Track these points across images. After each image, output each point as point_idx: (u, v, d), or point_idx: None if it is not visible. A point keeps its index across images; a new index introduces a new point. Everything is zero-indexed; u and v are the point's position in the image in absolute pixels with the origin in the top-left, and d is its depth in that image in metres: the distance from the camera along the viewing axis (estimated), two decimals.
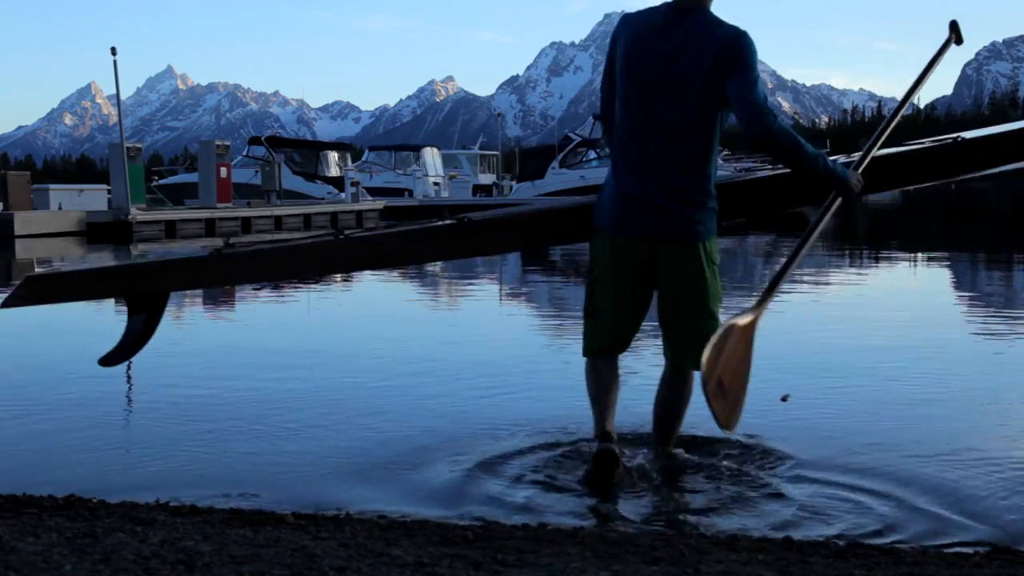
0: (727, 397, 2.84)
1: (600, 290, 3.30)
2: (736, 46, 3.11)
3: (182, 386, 4.86)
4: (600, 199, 3.34)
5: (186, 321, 8.11)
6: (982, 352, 5.95)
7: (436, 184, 38.63)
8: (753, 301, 3.09)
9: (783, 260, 3.14)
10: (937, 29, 5.26)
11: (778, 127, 3.08)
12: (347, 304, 9.25)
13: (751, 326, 2.98)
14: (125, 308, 3.57)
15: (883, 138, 3.53)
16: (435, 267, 14.20)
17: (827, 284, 10.31)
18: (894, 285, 10.41)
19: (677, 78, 3.15)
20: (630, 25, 3.26)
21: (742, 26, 3.14)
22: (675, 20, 3.17)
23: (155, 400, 4.56)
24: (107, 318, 8.72)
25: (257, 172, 31.43)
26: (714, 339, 2.88)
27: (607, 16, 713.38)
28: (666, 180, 3.18)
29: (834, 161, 3.25)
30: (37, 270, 4.16)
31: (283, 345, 6.23)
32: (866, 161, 3.37)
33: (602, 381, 3.30)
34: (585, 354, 3.36)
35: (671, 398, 3.38)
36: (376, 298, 9.82)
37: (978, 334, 6.66)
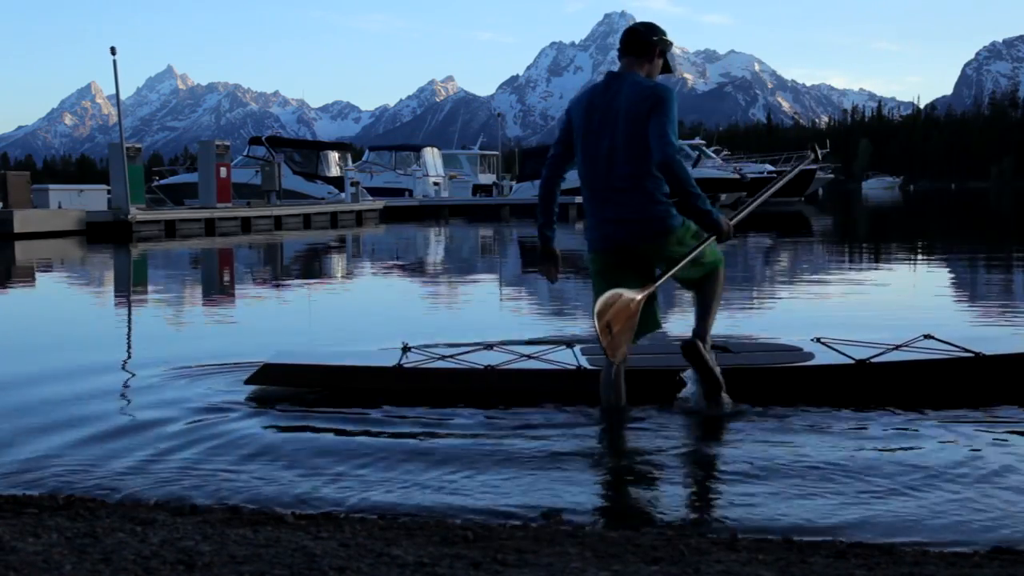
0: (612, 335, 3.91)
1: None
2: (654, 97, 4.08)
3: (183, 385, 4.85)
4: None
5: (187, 321, 8.12)
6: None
7: (436, 184, 38.64)
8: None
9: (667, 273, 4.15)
10: (937, 29, 5.21)
11: (680, 165, 4.03)
12: (347, 304, 9.26)
13: (640, 299, 4.06)
14: (124, 310, 3.55)
15: (758, 201, 4.72)
16: (435, 268, 14.23)
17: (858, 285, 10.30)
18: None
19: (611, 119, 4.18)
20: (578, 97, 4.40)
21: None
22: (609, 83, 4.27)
23: (155, 400, 4.55)
24: (107, 318, 8.74)
25: (257, 172, 31.44)
26: (609, 294, 3.97)
27: (607, 16, 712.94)
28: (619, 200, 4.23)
29: (713, 207, 4.13)
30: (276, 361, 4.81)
31: (283, 345, 6.22)
32: (740, 216, 4.51)
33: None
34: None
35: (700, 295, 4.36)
36: (375, 298, 9.83)
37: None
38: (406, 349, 4.83)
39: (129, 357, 6.06)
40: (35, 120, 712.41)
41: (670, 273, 4.15)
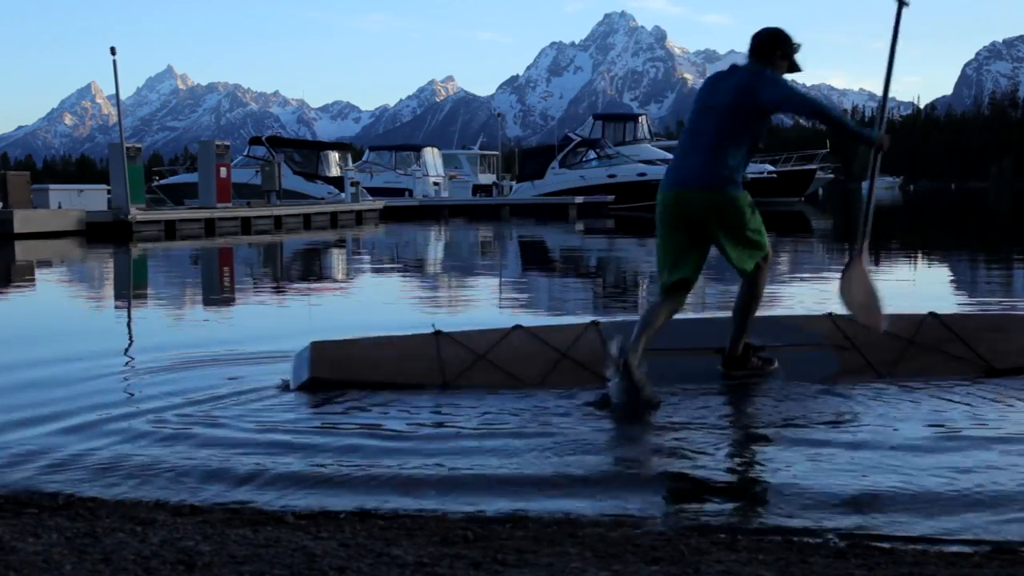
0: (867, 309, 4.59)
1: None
2: (762, 74, 4.61)
3: (182, 385, 4.85)
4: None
5: (187, 321, 8.12)
6: None
7: (436, 184, 38.64)
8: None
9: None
10: (937, 29, 5.24)
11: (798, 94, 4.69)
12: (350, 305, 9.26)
13: (860, 270, 4.67)
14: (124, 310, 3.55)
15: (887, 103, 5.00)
16: (435, 266, 14.23)
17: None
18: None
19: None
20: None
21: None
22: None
23: (156, 399, 4.55)
24: (106, 318, 8.74)
25: (257, 172, 31.42)
26: (841, 282, 4.71)
27: (607, 16, 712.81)
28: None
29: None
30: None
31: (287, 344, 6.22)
32: (881, 123, 4.79)
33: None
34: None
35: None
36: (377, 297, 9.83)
37: None
38: (437, 334, 4.92)
39: (150, 352, 6.07)
40: (35, 120, 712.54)
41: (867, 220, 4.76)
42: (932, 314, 5.18)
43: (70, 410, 4.33)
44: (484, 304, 8.90)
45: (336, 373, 4.70)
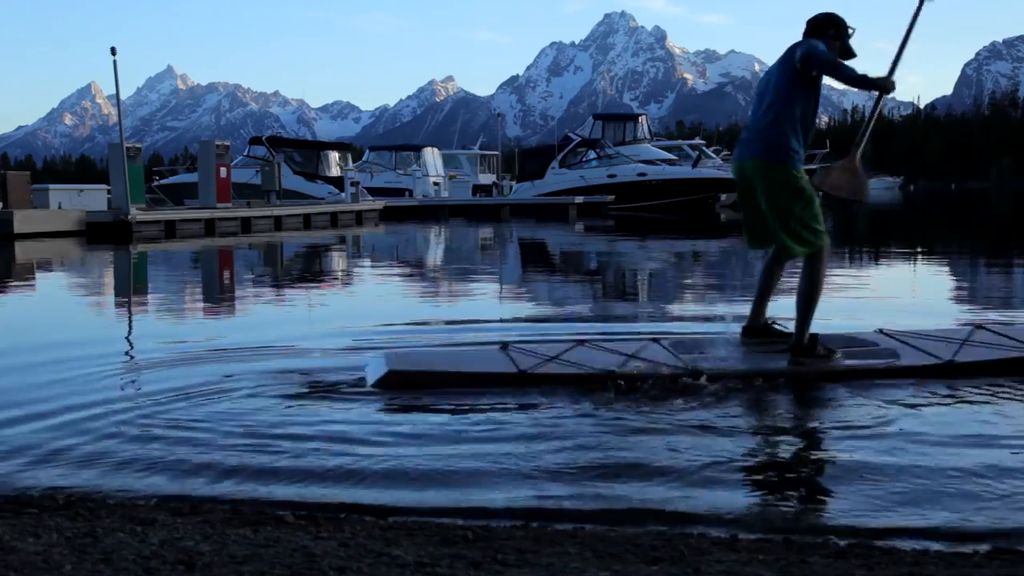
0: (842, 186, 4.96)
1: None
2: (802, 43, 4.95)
3: (183, 386, 4.85)
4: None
5: (187, 321, 8.11)
6: None
7: (436, 184, 38.65)
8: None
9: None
10: (937, 29, 5.30)
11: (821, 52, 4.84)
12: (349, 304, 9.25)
13: (851, 165, 5.01)
14: (124, 309, 3.56)
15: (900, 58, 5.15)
16: (435, 268, 14.23)
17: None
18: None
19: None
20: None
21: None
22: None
23: (156, 399, 4.55)
24: (105, 318, 8.73)
25: (257, 172, 31.42)
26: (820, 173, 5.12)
27: (607, 16, 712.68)
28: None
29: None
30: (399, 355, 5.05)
31: (286, 344, 6.22)
32: (891, 69, 5.06)
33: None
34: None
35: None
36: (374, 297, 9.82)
37: None
38: (505, 347, 5.05)
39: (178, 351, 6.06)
40: (35, 120, 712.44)
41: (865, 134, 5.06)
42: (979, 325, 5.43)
43: (69, 411, 4.33)
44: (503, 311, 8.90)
45: (413, 366, 4.86)
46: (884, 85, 4.91)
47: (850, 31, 5.08)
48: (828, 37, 5.01)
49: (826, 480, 3.27)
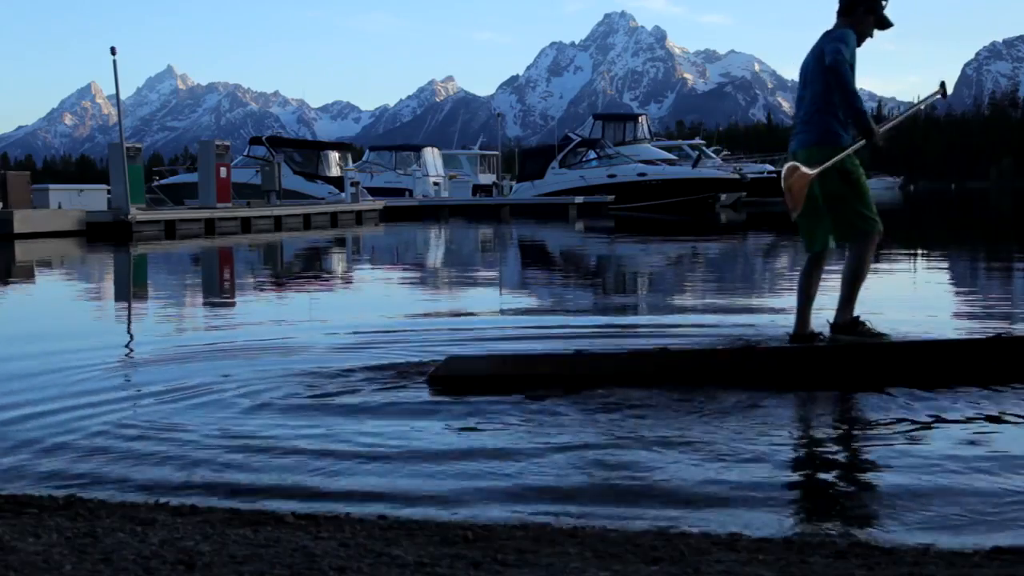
0: (792, 195, 4.87)
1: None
2: (829, 35, 5.07)
3: (182, 385, 4.85)
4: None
5: (188, 321, 8.11)
6: None
7: (436, 184, 38.67)
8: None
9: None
10: (937, 29, 5.35)
11: (843, 71, 4.91)
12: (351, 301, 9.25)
13: (807, 175, 4.90)
14: (124, 308, 3.56)
15: (903, 117, 5.44)
16: (436, 264, 14.23)
17: None
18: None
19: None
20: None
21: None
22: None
23: (156, 399, 4.55)
24: (104, 317, 8.73)
25: (257, 172, 31.44)
26: (788, 166, 4.95)
27: (607, 16, 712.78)
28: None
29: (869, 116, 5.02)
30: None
31: (288, 342, 6.21)
32: (889, 126, 5.19)
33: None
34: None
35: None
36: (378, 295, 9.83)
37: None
38: (578, 353, 5.17)
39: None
40: (35, 120, 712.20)
41: (827, 164, 4.91)
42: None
43: (69, 411, 4.33)
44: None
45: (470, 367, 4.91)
46: (872, 133, 4.99)
47: (883, 2, 5.14)
48: (859, 14, 5.10)
49: (828, 480, 3.27)
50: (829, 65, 4.92)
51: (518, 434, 3.83)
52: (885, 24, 5.19)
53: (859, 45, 5.14)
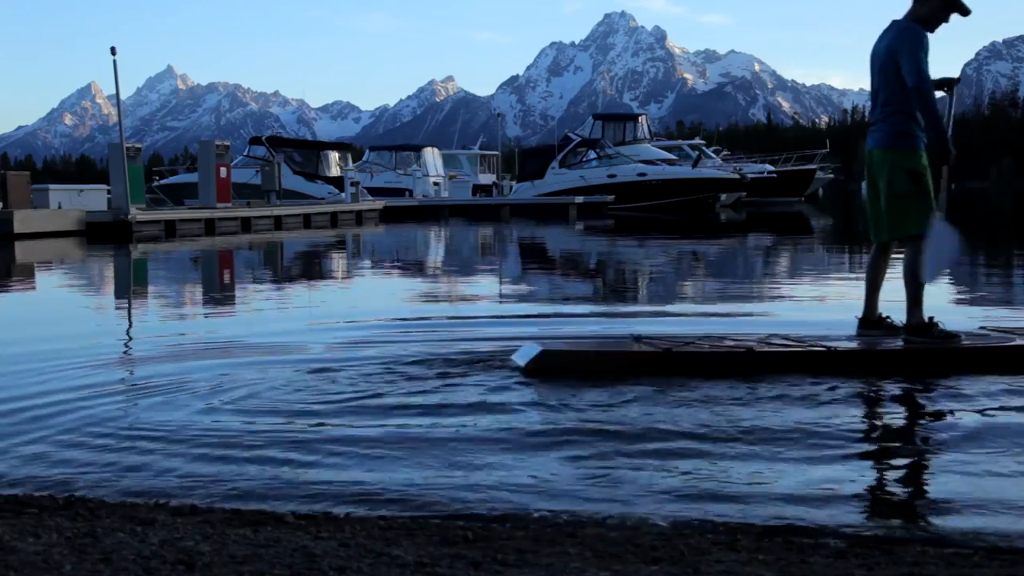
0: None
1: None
2: (899, 38, 5.16)
3: (183, 386, 4.85)
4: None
5: (187, 320, 8.11)
6: None
7: (436, 184, 38.65)
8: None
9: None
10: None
11: (926, 90, 5.07)
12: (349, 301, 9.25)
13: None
14: (123, 306, 3.56)
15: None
16: (436, 265, 14.23)
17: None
18: None
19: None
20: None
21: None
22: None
23: (156, 399, 4.55)
24: (104, 316, 8.73)
25: (257, 172, 31.43)
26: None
27: (607, 16, 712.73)
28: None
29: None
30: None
31: (291, 341, 6.21)
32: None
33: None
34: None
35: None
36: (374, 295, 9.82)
37: None
38: (637, 339, 5.27)
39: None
40: (35, 120, 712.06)
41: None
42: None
43: (69, 411, 4.33)
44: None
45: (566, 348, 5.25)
46: (948, 155, 5.16)
47: None
48: (934, 2, 5.20)
49: (829, 480, 3.26)
50: (913, 87, 5.05)
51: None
52: (962, 11, 5.27)
53: (932, 31, 5.25)
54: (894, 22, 5.30)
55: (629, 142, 43.07)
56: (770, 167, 48.83)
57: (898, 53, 5.12)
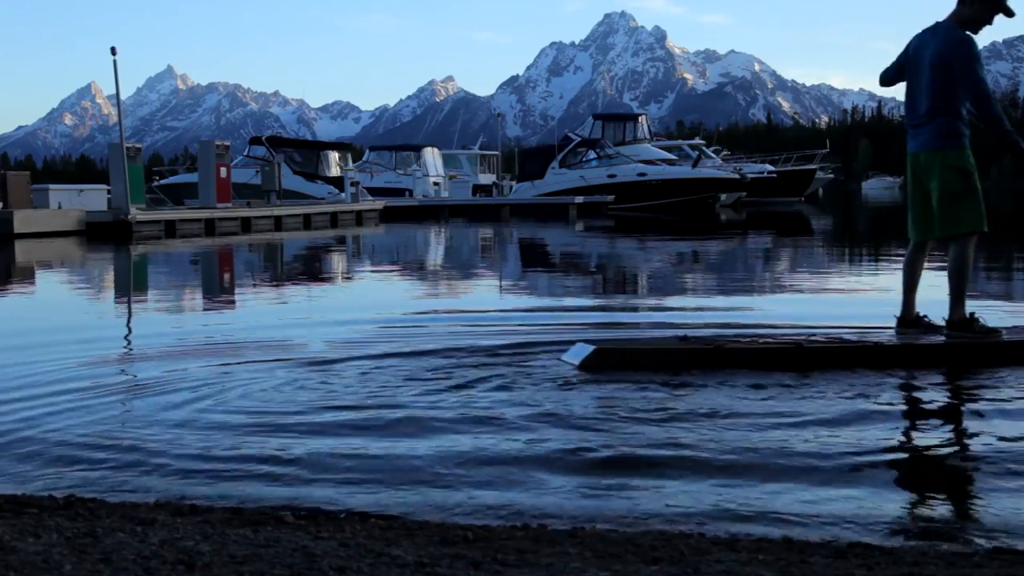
0: None
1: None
2: (954, 51, 5.21)
3: (184, 384, 4.85)
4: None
5: (188, 319, 8.11)
6: None
7: (436, 184, 38.66)
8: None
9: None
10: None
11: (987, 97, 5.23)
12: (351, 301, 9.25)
13: None
14: (124, 305, 3.56)
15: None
16: (436, 264, 14.23)
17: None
18: None
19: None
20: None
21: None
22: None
23: (156, 399, 4.55)
24: (104, 315, 8.73)
25: (257, 172, 31.44)
26: None
27: (607, 16, 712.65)
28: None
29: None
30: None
31: (289, 339, 6.21)
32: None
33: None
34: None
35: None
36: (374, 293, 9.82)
37: None
38: (684, 339, 5.37)
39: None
40: (35, 120, 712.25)
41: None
42: None
43: (69, 411, 4.33)
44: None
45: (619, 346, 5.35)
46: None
47: None
48: (979, 4, 5.21)
49: (831, 478, 3.26)
50: (978, 104, 5.19)
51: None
52: (1007, 12, 5.29)
53: (976, 32, 5.28)
54: (938, 25, 5.32)
55: (629, 142, 43.08)
56: (770, 167, 48.84)
57: (952, 65, 5.17)
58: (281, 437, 3.82)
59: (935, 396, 4.50)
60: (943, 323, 5.40)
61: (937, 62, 5.22)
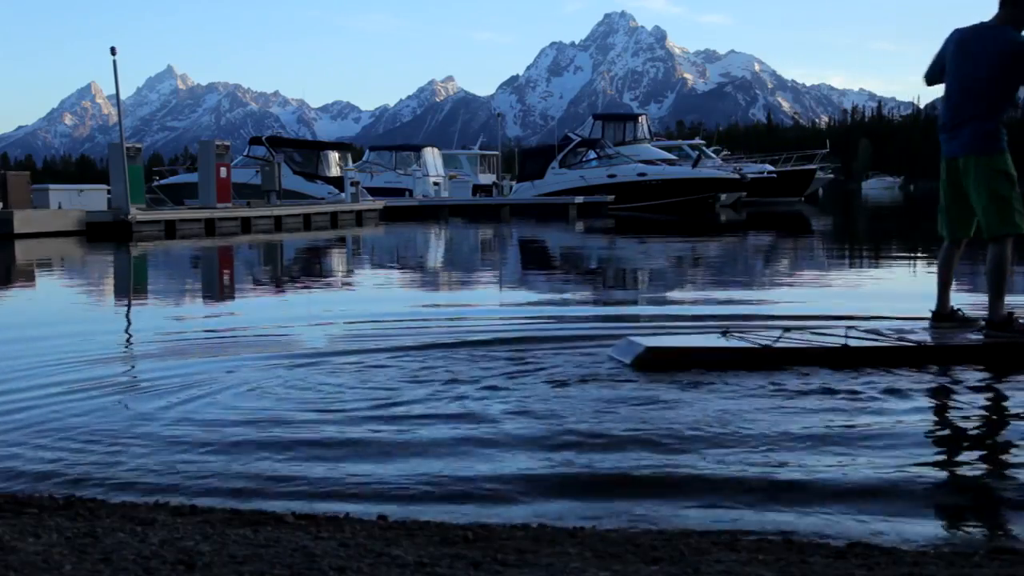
0: None
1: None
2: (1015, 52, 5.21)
3: (185, 384, 4.85)
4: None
5: (187, 319, 8.11)
6: None
7: (436, 184, 38.66)
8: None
9: None
10: (937, 29, 5.45)
11: None
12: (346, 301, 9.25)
13: None
14: (123, 304, 3.56)
15: None
16: (437, 264, 14.23)
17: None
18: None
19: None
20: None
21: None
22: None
23: (157, 398, 4.55)
24: (104, 314, 8.73)
25: (257, 172, 31.43)
26: None
27: (607, 16, 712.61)
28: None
29: None
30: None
31: (291, 340, 6.21)
32: None
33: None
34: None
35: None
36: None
37: None
38: (725, 333, 5.50)
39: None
40: (35, 120, 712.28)
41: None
42: None
43: (69, 411, 4.33)
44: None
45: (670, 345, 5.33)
46: None
47: None
48: (1017, 6, 5.24)
49: (831, 479, 3.26)
50: None
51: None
52: None
53: (1020, 31, 5.30)
54: (983, 26, 5.35)
55: (629, 142, 43.06)
56: (770, 167, 48.81)
57: (1012, 67, 5.22)
58: (281, 436, 3.82)
59: (966, 396, 4.47)
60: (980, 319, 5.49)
61: (1002, 62, 5.22)
